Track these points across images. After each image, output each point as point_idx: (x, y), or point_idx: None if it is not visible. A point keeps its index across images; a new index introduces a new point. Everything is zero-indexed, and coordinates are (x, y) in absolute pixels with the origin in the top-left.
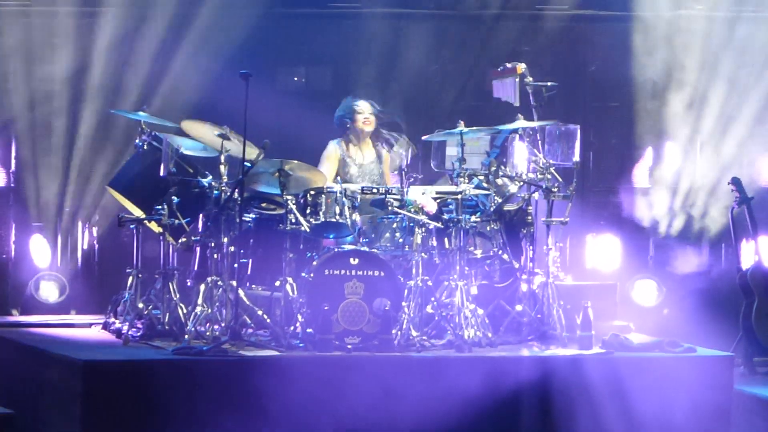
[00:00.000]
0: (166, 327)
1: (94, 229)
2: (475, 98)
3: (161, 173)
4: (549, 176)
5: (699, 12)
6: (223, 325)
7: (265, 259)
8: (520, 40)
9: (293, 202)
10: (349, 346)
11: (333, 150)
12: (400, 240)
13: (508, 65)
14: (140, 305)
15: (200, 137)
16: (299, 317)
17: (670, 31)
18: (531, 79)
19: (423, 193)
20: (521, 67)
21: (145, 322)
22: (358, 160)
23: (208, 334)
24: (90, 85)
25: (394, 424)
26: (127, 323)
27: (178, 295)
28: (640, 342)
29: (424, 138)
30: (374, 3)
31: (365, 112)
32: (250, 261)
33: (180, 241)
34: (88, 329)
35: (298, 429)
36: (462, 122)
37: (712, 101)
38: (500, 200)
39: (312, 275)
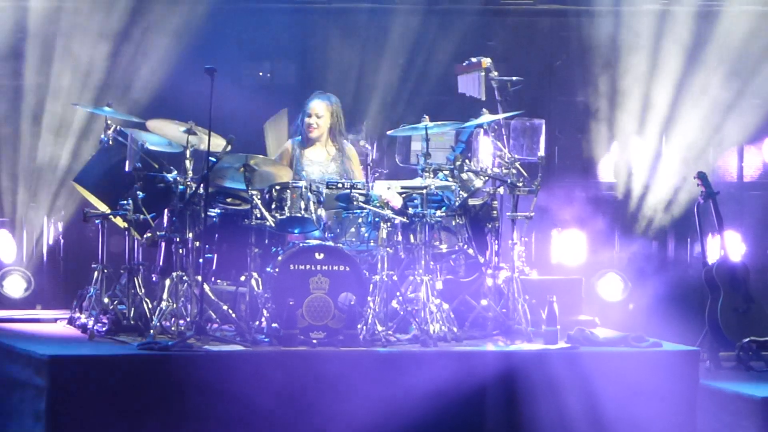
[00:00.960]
0: (132, 322)
1: (59, 224)
2: (440, 93)
3: (126, 168)
4: (514, 171)
5: (661, 7)
6: (188, 320)
7: (231, 254)
8: (485, 34)
9: (258, 197)
10: (315, 341)
11: (286, 146)
12: (366, 235)
13: (473, 60)
14: (105, 300)
15: (165, 134)
16: (264, 312)
17: (633, 25)
18: (496, 73)
19: (388, 188)
20: (486, 61)
21: (110, 317)
22: (317, 159)
23: (173, 329)
24: (54, 79)
25: (359, 419)
26: (93, 318)
27: (143, 291)
28: (605, 337)
29: (389, 133)
30: None
31: (312, 114)
32: (215, 256)
33: (145, 236)
34: (54, 324)
35: (264, 424)
36: (427, 117)
37: (677, 95)
38: (465, 195)
39: (277, 270)
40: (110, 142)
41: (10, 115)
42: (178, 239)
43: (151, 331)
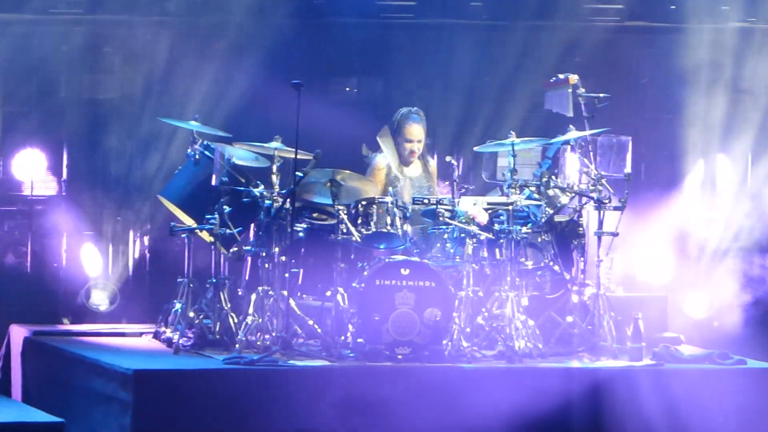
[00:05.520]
0: (217, 336)
1: (146, 238)
2: (527, 109)
3: (213, 183)
4: (600, 187)
5: (749, 25)
6: (274, 334)
7: (316, 269)
8: (572, 50)
9: (344, 212)
10: (400, 357)
11: (381, 162)
12: (451, 251)
13: (561, 76)
14: (191, 314)
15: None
16: (350, 327)
17: (718, 43)
18: (583, 90)
19: (474, 204)
20: (574, 78)
21: (196, 331)
22: (408, 173)
23: (258, 343)
24: (142, 93)
25: None
26: (178, 332)
27: (229, 305)
28: (690, 354)
29: (475, 149)
30: (427, 13)
31: (414, 140)
32: (301, 271)
33: (231, 250)
34: (139, 338)
35: None
36: (513, 133)
37: (762, 112)
38: (551, 211)
39: (363, 285)
40: (197, 157)
41: (96, 128)
42: (264, 254)
43: (237, 345)
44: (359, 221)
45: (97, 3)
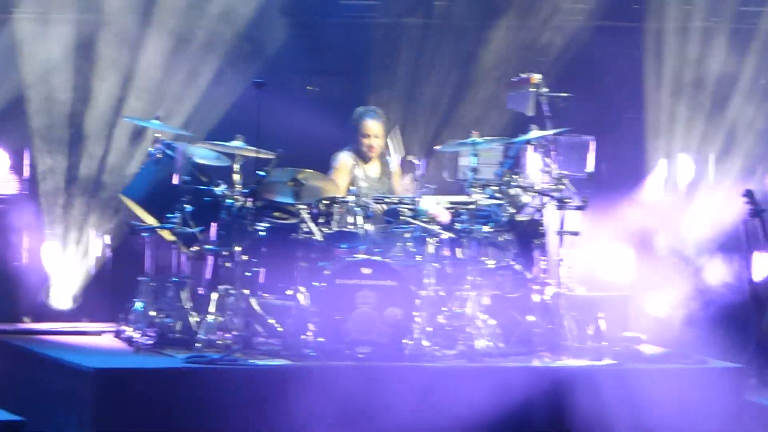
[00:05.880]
0: (178, 335)
1: (107, 237)
2: (489, 108)
3: (174, 182)
4: (562, 187)
5: (710, 24)
6: (234, 333)
7: (278, 268)
8: (534, 50)
9: (306, 211)
10: (361, 356)
11: (344, 160)
12: (413, 250)
13: (523, 75)
14: (152, 313)
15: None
16: (311, 326)
17: (682, 43)
18: (546, 89)
19: (436, 203)
20: (536, 77)
21: (156, 330)
22: (368, 173)
23: (219, 342)
24: (100, 93)
25: None
26: (139, 331)
27: (190, 304)
28: (651, 353)
29: (437, 148)
30: (389, 13)
31: (371, 135)
32: (263, 270)
33: (192, 249)
34: (100, 337)
35: None
36: (475, 132)
37: (725, 113)
38: (513, 211)
39: (324, 284)
40: (158, 156)
41: (58, 127)
42: (225, 253)
43: (198, 344)
44: (321, 220)
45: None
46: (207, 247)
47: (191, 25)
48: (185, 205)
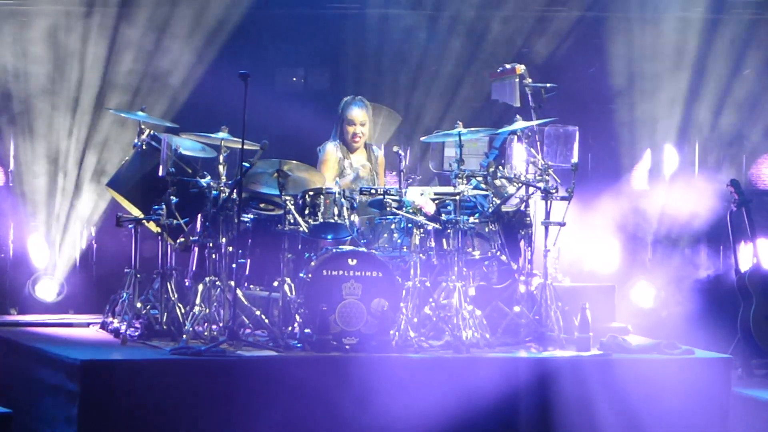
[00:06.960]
0: (164, 327)
1: (93, 229)
2: (474, 99)
3: (160, 173)
4: (547, 177)
5: (702, 15)
6: (221, 325)
7: (264, 260)
8: (519, 41)
9: (292, 202)
10: (347, 347)
11: (332, 151)
12: (399, 241)
13: (508, 66)
14: (138, 305)
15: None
16: (297, 318)
17: (671, 33)
18: (530, 80)
19: (421, 194)
20: (520, 68)
21: (143, 321)
22: (354, 163)
23: (206, 334)
24: (87, 84)
25: (391, 426)
26: (125, 323)
27: (176, 295)
28: (638, 344)
29: (422, 139)
30: (375, 4)
31: (356, 123)
32: (249, 261)
33: (178, 241)
34: (86, 329)
35: (296, 429)
36: (461, 123)
37: (711, 102)
38: (498, 201)
39: (310, 276)
40: (144, 147)
41: (43, 118)
42: (211, 244)
43: (184, 336)
44: (306, 212)
45: None
46: (193, 238)
47: (174, 14)
48: (171, 197)
